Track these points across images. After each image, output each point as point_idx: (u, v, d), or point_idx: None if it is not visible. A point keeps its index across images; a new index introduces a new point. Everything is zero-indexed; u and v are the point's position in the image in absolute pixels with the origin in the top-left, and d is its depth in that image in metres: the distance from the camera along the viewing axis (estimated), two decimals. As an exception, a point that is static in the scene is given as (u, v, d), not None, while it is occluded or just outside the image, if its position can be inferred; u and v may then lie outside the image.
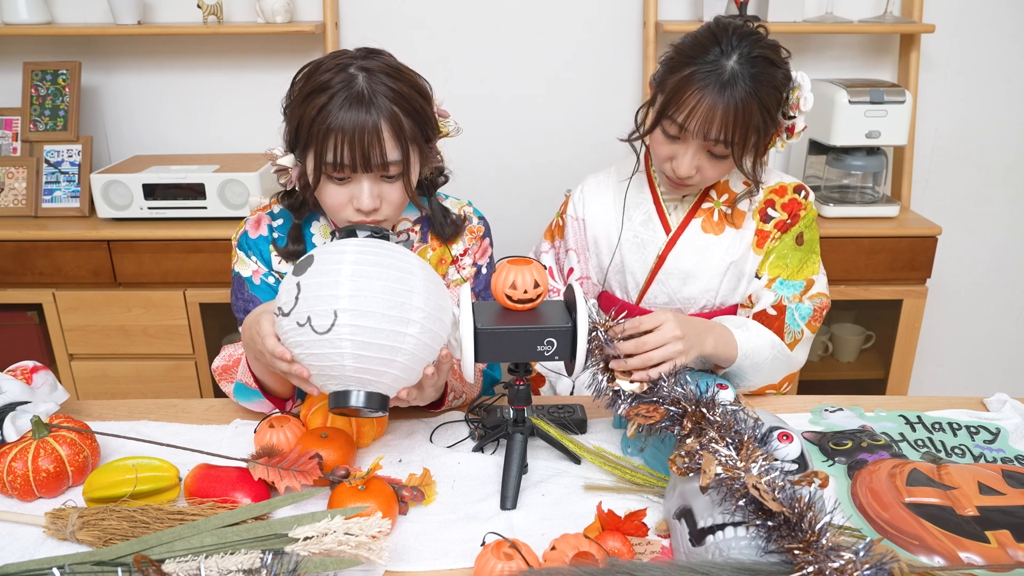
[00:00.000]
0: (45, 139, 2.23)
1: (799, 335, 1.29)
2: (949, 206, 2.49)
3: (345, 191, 1.15)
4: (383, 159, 1.12)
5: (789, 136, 1.26)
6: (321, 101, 1.09)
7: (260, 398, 1.18)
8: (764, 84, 1.17)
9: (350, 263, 0.92)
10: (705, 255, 1.34)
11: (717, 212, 1.34)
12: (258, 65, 2.36)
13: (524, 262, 1.03)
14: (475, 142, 2.36)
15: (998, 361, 2.72)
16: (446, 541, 0.95)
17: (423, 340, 0.94)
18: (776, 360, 1.24)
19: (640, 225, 1.37)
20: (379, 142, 1.10)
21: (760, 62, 1.17)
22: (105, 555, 0.86)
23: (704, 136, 1.19)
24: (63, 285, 2.12)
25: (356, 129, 1.09)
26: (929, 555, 0.88)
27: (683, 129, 1.20)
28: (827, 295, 1.33)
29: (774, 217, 1.33)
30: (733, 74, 1.15)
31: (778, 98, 1.21)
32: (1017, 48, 2.36)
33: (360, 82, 1.10)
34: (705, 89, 1.16)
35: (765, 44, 1.19)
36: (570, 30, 2.33)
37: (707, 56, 1.17)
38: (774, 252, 1.32)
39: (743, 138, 1.18)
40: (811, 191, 1.36)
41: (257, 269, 1.28)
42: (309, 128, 1.11)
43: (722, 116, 1.16)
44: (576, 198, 1.44)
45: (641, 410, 0.97)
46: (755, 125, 1.18)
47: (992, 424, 1.18)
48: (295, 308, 0.91)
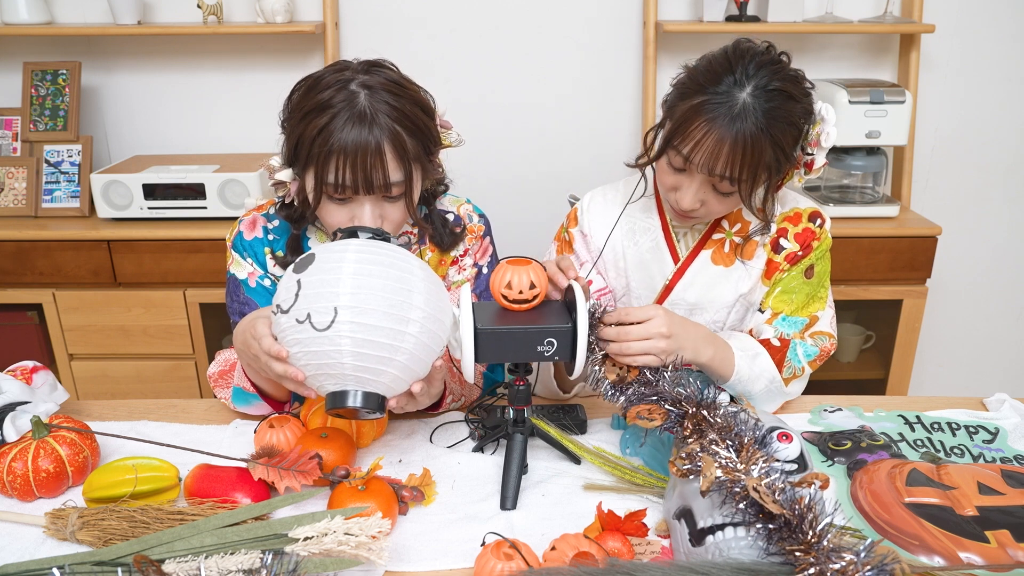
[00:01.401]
0: (45, 139, 2.24)
1: (799, 372, 1.22)
2: (949, 206, 2.49)
3: (346, 210, 1.13)
4: (385, 180, 1.10)
5: (807, 172, 1.18)
6: (322, 121, 1.07)
7: (258, 401, 1.17)
8: (779, 120, 1.08)
9: (352, 261, 0.92)
10: (713, 288, 1.27)
11: (728, 243, 1.26)
12: (258, 65, 2.36)
13: (523, 262, 1.03)
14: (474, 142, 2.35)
15: (998, 361, 2.72)
16: (446, 541, 0.95)
17: (422, 340, 0.94)
18: (768, 393, 1.21)
19: (647, 252, 1.30)
20: (382, 164, 1.09)
21: (777, 96, 1.07)
22: (105, 555, 0.86)
23: (709, 171, 1.10)
24: (63, 285, 2.12)
25: (358, 151, 1.07)
26: (929, 555, 0.88)
27: (688, 161, 1.12)
28: (832, 335, 1.26)
29: (785, 248, 1.25)
30: (745, 108, 1.06)
31: (795, 135, 1.12)
32: (1017, 48, 2.36)
33: (362, 101, 1.08)
34: (713, 122, 1.07)
35: (785, 75, 1.10)
36: (570, 30, 2.33)
37: (719, 85, 1.08)
38: (780, 285, 1.25)
39: (751, 176, 1.10)
40: (827, 219, 1.28)
41: (253, 271, 1.27)
42: (310, 147, 1.09)
43: (729, 152, 1.07)
44: (583, 213, 1.36)
45: (641, 411, 0.97)
46: (766, 163, 1.09)
47: (991, 424, 1.18)
48: (295, 305, 0.91)
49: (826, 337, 1.25)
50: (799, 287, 1.25)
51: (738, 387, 1.18)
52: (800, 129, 1.12)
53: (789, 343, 1.22)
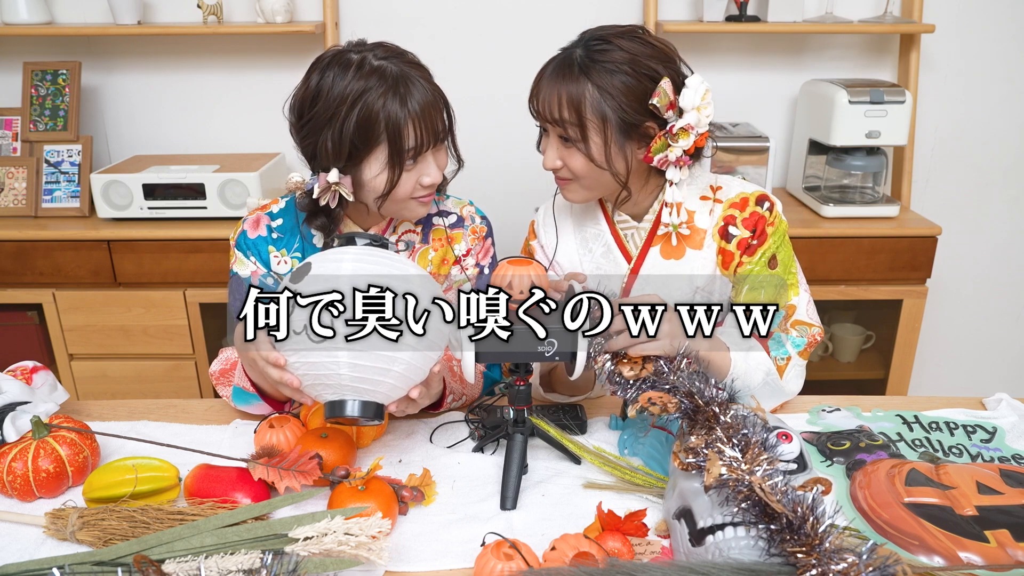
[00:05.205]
0: (45, 139, 2.24)
1: (782, 362, 1.22)
2: (949, 206, 2.49)
3: (414, 174, 1.18)
4: (444, 126, 1.19)
5: (674, 141, 1.15)
6: (377, 101, 1.11)
7: (258, 400, 1.18)
8: (599, 63, 1.14)
9: (348, 271, 0.92)
10: (669, 284, 1.27)
11: (675, 236, 1.26)
12: (258, 65, 2.36)
13: (523, 263, 1.03)
14: (474, 142, 2.35)
15: (998, 361, 2.72)
16: (446, 541, 0.95)
17: (420, 349, 0.94)
18: (767, 387, 1.20)
19: (601, 257, 1.31)
20: (440, 112, 1.17)
21: (601, 43, 1.15)
22: (105, 555, 0.86)
23: (549, 120, 1.18)
24: (63, 285, 2.12)
25: (424, 109, 1.14)
26: (929, 555, 0.88)
27: (536, 118, 1.21)
28: (814, 324, 1.25)
29: (735, 235, 1.24)
30: (570, 57, 1.17)
31: (626, 82, 1.14)
32: (1017, 48, 2.36)
33: (391, 68, 1.13)
34: (545, 74, 1.18)
35: (623, 34, 1.17)
36: (570, 30, 2.31)
37: (562, 52, 1.20)
38: (747, 283, 1.24)
39: (579, 120, 1.15)
40: (777, 202, 1.26)
41: (256, 269, 1.28)
42: (375, 129, 1.12)
43: (556, 97, 1.16)
44: (538, 226, 1.39)
45: (653, 397, 0.96)
46: (592, 107, 1.14)
47: (989, 423, 1.18)
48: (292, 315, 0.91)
49: (807, 327, 1.25)
50: (767, 281, 1.25)
51: (737, 383, 1.17)
52: (635, 77, 1.14)
53: (771, 336, 1.23)
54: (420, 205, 1.23)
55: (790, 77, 2.39)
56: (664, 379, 0.99)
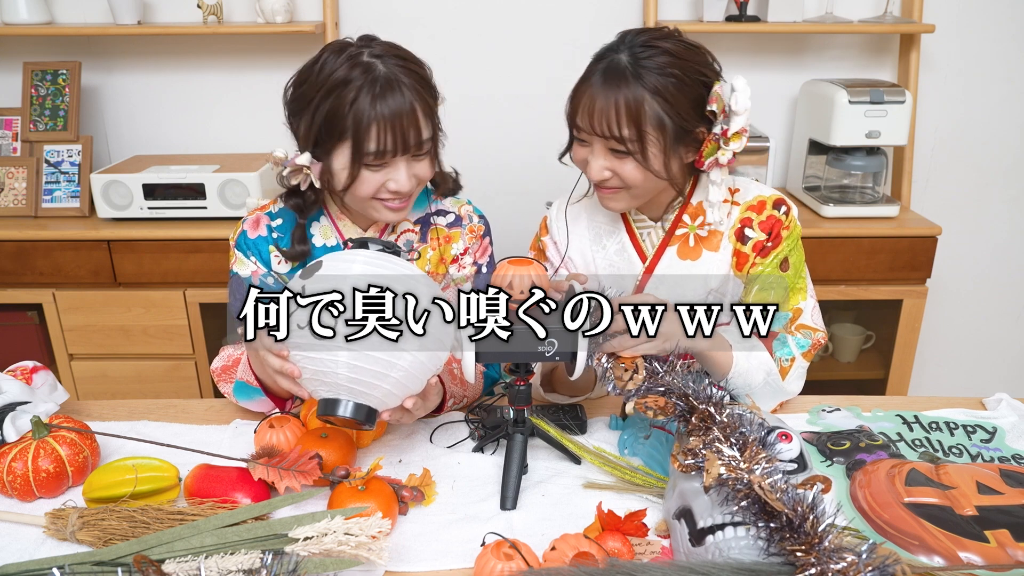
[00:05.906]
0: (45, 139, 2.24)
1: (786, 363, 1.22)
2: (949, 206, 2.49)
3: (379, 176, 1.17)
4: (418, 139, 1.15)
5: (726, 144, 1.15)
6: (350, 95, 1.10)
7: (260, 396, 1.18)
8: (654, 71, 1.11)
9: (359, 273, 0.92)
10: (683, 285, 1.26)
11: (693, 237, 1.26)
12: (258, 65, 2.36)
13: (524, 263, 1.03)
14: (475, 142, 2.36)
15: (998, 361, 2.72)
16: (446, 541, 0.95)
17: (419, 359, 0.94)
18: (768, 386, 1.20)
19: (615, 255, 1.31)
20: (415, 123, 1.14)
21: (651, 50, 1.12)
22: (105, 555, 0.86)
23: (600, 134, 1.14)
24: (63, 285, 2.12)
25: (395, 115, 1.11)
26: (929, 555, 0.88)
27: (582, 131, 1.17)
28: (818, 328, 1.26)
29: (752, 238, 1.24)
30: (620, 65, 1.12)
31: (681, 88, 1.12)
32: (1017, 48, 2.36)
33: (381, 68, 1.12)
34: (594, 84, 1.14)
35: (664, 36, 1.14)
36: (570, 30, 2.33)
37: (604, 58, 1.15)
38: (757, 283, 1.25)
39: (637, 131, 1.12)
40: (792, 206, 1.27)
41: (256, 269, 1.28)
42: (343, 122, 1.11)
43: (612, 109, 1.11)
44: (551, 222, 1.38)
45: (649, 401, 0.97)
46: (650, 116, 1.11)
47: (988, 423, 1.18)
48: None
49: (812, 332, 1.25)
50: (777, 282, 1.25)
51: (738, 380, 1.17)
52: (687, 83, 1.12)
53: (775, 336, 1.23)
54: (388, 210, 1.21)
55: (790, 77, 2.39)
56: (659, 380, 0.99)
